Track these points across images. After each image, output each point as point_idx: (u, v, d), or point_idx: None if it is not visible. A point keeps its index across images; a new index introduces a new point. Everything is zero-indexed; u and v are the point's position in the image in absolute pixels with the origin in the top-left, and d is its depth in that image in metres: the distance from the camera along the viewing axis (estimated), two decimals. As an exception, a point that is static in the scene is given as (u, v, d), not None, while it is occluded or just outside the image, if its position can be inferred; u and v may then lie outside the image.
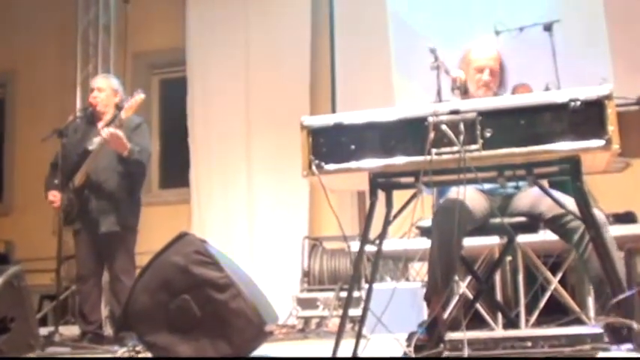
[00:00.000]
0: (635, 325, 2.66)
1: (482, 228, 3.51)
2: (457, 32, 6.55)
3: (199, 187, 8.13)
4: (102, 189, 5.18)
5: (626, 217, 5.43)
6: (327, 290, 6.39)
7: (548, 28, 5.65)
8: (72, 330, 5.80)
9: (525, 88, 5.56)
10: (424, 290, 3.44)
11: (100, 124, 5.25)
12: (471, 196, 3.36)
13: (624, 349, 2.65)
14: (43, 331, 5.22)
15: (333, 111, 7.50)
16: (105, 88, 5.37)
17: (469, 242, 3.81)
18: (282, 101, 7.76)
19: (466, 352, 2.72)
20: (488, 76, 3.72)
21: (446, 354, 2.78)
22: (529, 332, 2.93)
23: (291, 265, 7.14)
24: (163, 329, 3.75)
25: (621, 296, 2.80)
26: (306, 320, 6.33)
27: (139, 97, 5.08)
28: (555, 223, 3.35)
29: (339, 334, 3.10)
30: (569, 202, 3.07)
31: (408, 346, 3.04)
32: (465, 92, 3.74)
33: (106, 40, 8.68)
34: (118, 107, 5.24)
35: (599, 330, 2.66)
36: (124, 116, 5.03)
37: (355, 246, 3.53)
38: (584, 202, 2.90)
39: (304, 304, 6.29)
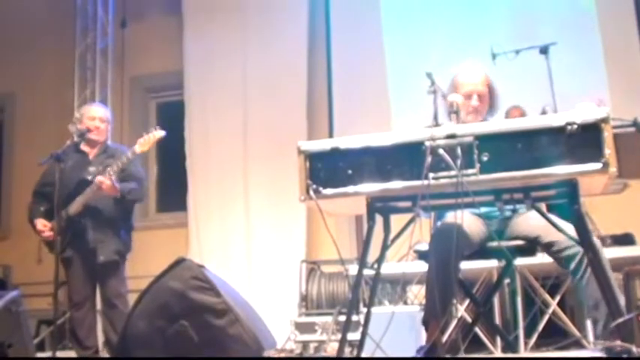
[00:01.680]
0: (634, 349, 2.65)
1: (480, 251, 3.50)
2: (454, 56, 6.54)
3: (197, 210, 8.10)
4: (99, 218, 5.13)
5: (625, 239, 5.42)
6: (325, 314, 6.34)
7: (544, 51, 5.66)
8: (69, 355, 5.75)
9: (518, 111, 5.58)
10: (422, 314, 3.42)
11: (92, 155, 5.29)
12: (468, 220, 3.34)
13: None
14: (41, 356, 5.19)
15: (331, 136, 7.50)
16: (105, 120, 5.38)
17: (467, 265, 3.80)
18: (279, 125, 7.77)
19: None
20: (476, 101, 3.68)
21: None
22: (528, 356, 2.93)
23: (289, 289, 7.11)
24: (161, 355, 3.73)
25: (620, 320, 2.79)
26: (305, 345, 6.29)
27: (158, 133, 5.06)
28: (552, 248, 3.34)
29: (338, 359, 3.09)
30: (567, 227, 3.06)
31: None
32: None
33: (104, 64, 8.69)
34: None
35: (598, 354, 2.65)
36: (138, 150, 5.00)
37: (353, 270, 3.53)
38: (582, 225, 2.90)
39: (302, 328, 6.24)
